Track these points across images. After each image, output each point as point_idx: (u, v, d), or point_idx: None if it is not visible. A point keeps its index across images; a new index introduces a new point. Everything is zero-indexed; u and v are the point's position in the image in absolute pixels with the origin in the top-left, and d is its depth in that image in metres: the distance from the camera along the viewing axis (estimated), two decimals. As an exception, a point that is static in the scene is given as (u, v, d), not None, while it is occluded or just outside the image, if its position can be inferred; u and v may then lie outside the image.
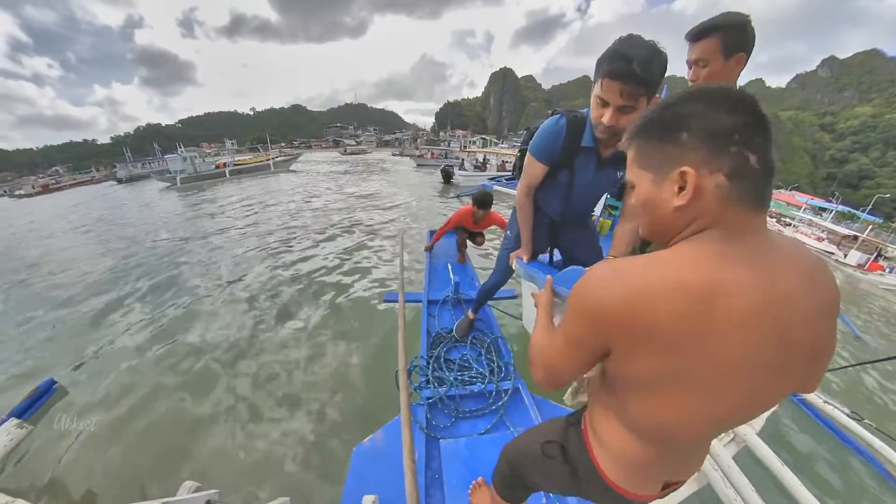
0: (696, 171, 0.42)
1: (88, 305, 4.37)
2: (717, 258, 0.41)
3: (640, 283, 0.41)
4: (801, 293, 0.41)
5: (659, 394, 0.46)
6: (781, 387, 0.45)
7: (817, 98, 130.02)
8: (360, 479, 1.24)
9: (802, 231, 15.90)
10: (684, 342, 0.40)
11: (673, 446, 0.54)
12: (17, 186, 40.73)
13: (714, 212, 0.42)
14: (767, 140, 0.41)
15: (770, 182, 0.42)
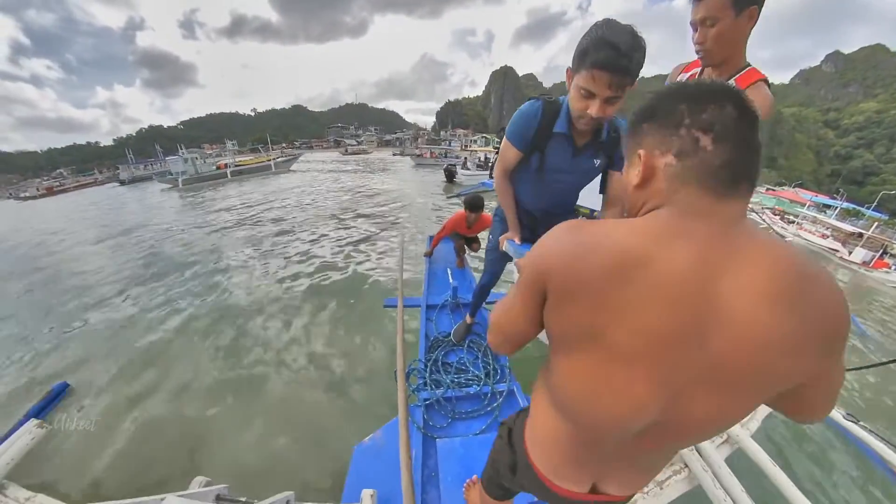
0: (647, 152, 0.45)
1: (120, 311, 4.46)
2: (659, 231, 0.41)
3: (584, 240, 0.43)
4: (762, 301, 0.37)
5: (576, 355, 0.46)
6: (715, 392, 0.41)
7: (821, 94, 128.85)
8: (360, 475, 1.31)
9: (806, 228, 15.81)
10: (605, 301, 0.41)
11: (590, 431, 0.53)
12: (22, 189, 41.18)
13: (665, 191, 0.44)
14: (730, 123, 0.40)
15: (737, 167, 0.40)
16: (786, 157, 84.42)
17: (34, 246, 8.87)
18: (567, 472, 0.61)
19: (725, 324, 0.38)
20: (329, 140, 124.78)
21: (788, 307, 0.37)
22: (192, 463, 2.09)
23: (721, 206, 0.41)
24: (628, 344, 0.41)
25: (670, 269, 0.39)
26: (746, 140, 0.40)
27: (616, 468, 0.58)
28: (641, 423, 0.47)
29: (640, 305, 0.39)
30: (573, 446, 0.57)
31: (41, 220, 13.73)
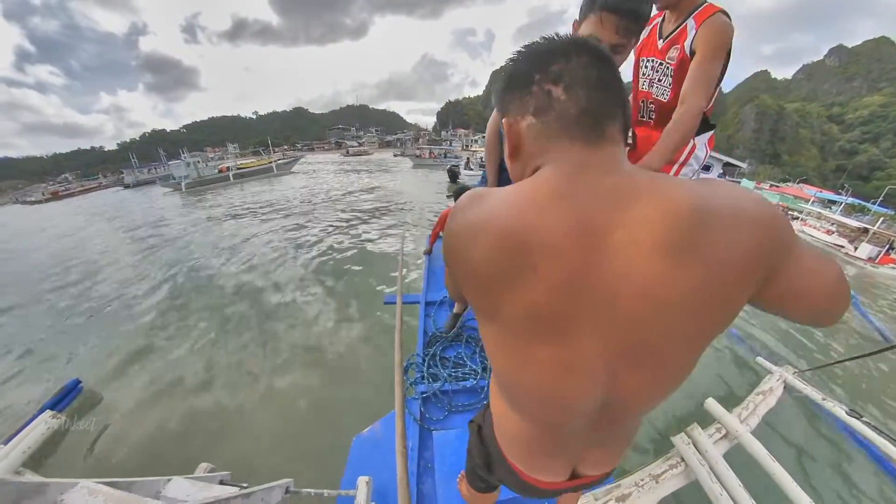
0: (508, 120, 0.44)
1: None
2: (542, 196, 0.37)
3: (470, 218, 0.40)
4: (658, 253, 0.34)
5: (498, 338, 0.44)
6: (648, 356, 0.39)
7: (825, 88, 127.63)
8: (358, 464, 1.34)
9: (811, 224, 15.66)
10: (499, 285, 0.38)
11: (545, 425, 0.51)
12: (27, 194, 41.72)
13: (537, 152, 0.42)
14: (581, 70, 0.38)
15: (596, 109, 0.39)
16: (789, 153, 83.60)
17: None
18: (543, 464, 0.58)
19: (628, 284, 0.35)
20: (330, 142, 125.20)
21: (689, 254, 0.33)
22: (197, 451, 2.17)
23: (593, 154, 0.39)
24: (544, 328, 0.39)
25: (555, 240, 0.35)
26: (603, 81, 0.39)
27: (588, 452, 0.57)
28: (590, 407, 0.44)
29: (535, 285, 0.36)
30: (539, 441, 0.55)
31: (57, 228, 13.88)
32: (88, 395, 2.72)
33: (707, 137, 1.25)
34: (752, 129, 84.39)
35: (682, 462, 1.49)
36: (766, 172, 70.66)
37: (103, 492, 0.84)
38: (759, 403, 1.88)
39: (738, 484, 1.38)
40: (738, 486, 1.38)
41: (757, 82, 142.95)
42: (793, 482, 1.42)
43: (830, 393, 2.26)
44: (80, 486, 0.85)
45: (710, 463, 1.46)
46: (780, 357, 3.36)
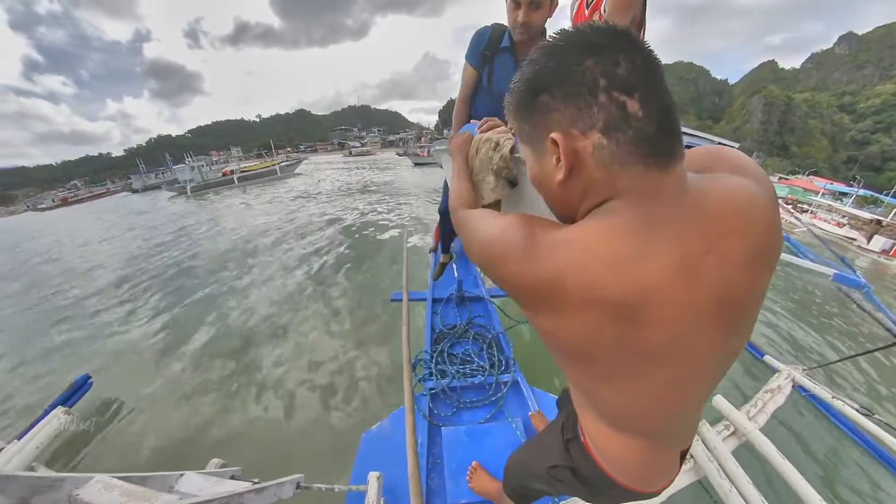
0: (564, 136, 0.35)
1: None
2: (632, 232, 0.34)
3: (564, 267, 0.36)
4: (737, 257, 0.36)
5: (608, 374, 0.42)
6: (728, 346, 0.41)
7: (835, 77, 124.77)
8: (367, 460, 1.34)
9: (821, 217, 15.36)
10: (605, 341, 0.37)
11: (656, 432, 0.49)
12: (39, 201, 42.62)
13: (605, 179, 0.35)
14: (649, 75, 0.33)
15: (669, 126, 0.34)
16: (798, 144, 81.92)
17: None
18: (664, 472, 0.56)
19: (730, 296, 0.37)
20: (333, 143, 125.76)
21: (765, 260, 0.39)
22: (208, 447, 2.20)
23: (667, 179, 0.34)
24: (660, 357, 0.38)
25: (664, 294, 0.34)
26: (666, 89, 0.34)
27: (693, 425, 0.54)
28: (697, 402, 0.47)
29: (650, 333, 0.35)
30: (651, 452, 0.51)
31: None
32: (98, 392, 2.76)
33: None
34: (760, 121, 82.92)
35: (691, 458, 1.47)
36: (775, 165, 69.35)
37: (118, 486, 0.85)
38: (767, 401, 1.86)
39: (747, 481, 1.37)
40: (748, 483, 1.36)
41: (764, 73, 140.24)
42: (802, 479, 1.40)
43: (840, 391, 2.21)
44: (96, 481, 0.86)
45: (720, 460, 1.45)
46: (788, 356, 3.31)
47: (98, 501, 0.79)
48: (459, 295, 2.42)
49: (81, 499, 0.79)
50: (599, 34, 0.34)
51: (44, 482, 0.80)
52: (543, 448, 0.72)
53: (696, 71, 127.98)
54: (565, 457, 0.62)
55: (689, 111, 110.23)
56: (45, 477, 0.80)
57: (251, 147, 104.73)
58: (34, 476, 0.79)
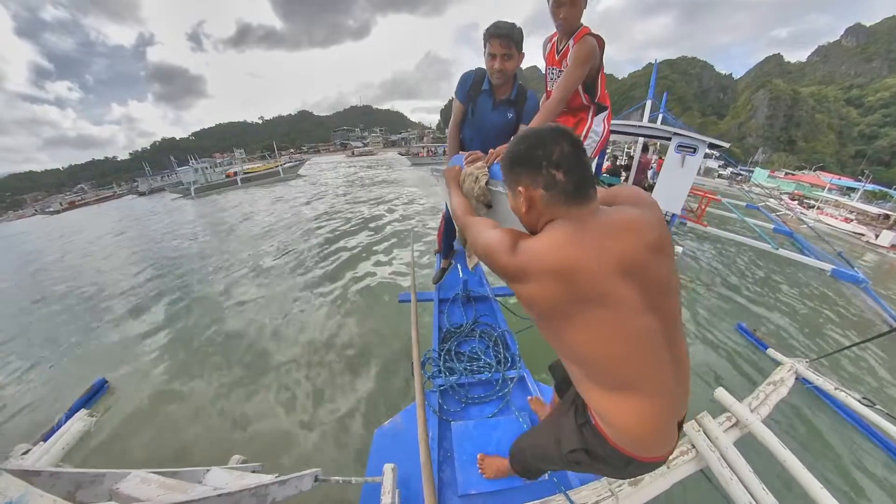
0: (524, 189, 0.67)
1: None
2: (566, 236, 0.63)
3: (533, 258, 0.65)
4: (637, 243, 0.63)
5: (580, 344, 0.64)
6: (650, 299, 0.63)
7: (842, 70, 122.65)
8: (381, 455, 1.40)
9: (828, 213, 15.12)
10: (579, 294, 0.61)
11: (638, 382, 0.63)
12: (47, 205, 43.26)
13: (548, 211, 0.67)
14: (572, 157, 0.63)
15: (582, 184, 0.64)
16: (805, 139, 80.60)
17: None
18: (667, 436, 0.68)
19: (632, 261, 0.62)
20: (335, 143, 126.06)
21: (654, 242, 0.65)
22: (226, 443, 2.28)
23: (584, 209, 0.65)
24: (601, 306, 0.61)
25: (583, 260, 0.61)
26: (582, 162, 0.64)
27: (681, 389, 0.69)
28: (654, 329, 0.63)
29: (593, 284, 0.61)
30: (659, 409, 0.65)
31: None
32: (115, 394, 2.85)
33: (603, 116, 1.70)
34: (766, 116, 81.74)
35: (692, 449, 1.51)
36: (782, 160, 68.44)
37: (154, 480, 0.91)
38: (770, 393, 1.88)
39: (748, 470, 1.40)
40: (749, 472, 1.39)
41: (769, 67, 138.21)
42: (804, 469, 1.43)
43: (844, 382, 2.23)
44: (133, 475, 0.92)
45: (721, 450, 1.48)
46: (791, 348, 3.32)
47: (137, 494, 0.85)
48: (465, 294, 2.47)
49: (122, 492, 0.85)
50: (547, 133, 0.65)
51: (87, 477, 0.86)
52: (559, 433, 0.82)
53: (699, 66, 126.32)
54: (580, 440, 0.75)
55: (692, 107, 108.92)
56: (87, 472, 0.87)
57: (254, 149, 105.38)
58: (78, 472, 0.85)
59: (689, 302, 4.25)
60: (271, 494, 0.99)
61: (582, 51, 1.44)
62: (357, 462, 2.06)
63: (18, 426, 2.69)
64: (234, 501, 0.86)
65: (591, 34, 1.45)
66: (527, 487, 1.29)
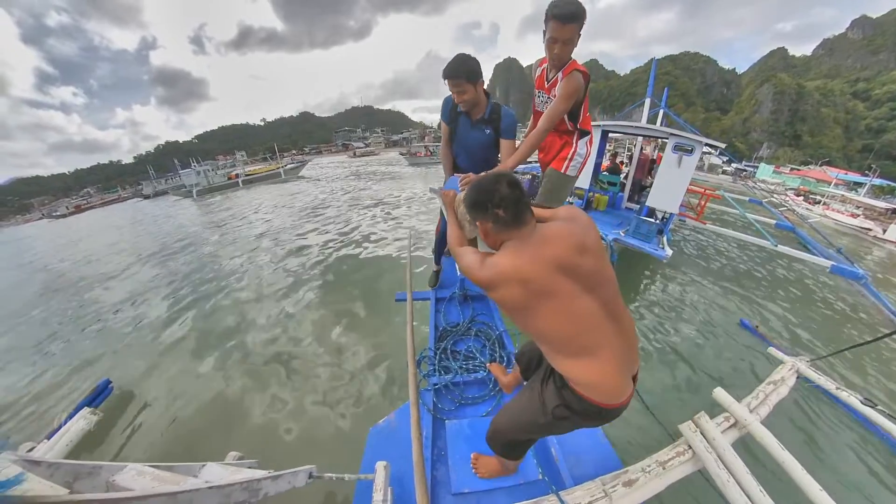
0: (480, 223, 0.93)
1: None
2: (519, 257, 0.84)
3: (499, 273, 0.86)
4: (565, 248, 0.84)
5: (543, 326, 0.85)
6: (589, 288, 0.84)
7: (848, 64, 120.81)
8: (374, 453, 1.41)
9: (834, 208, 14.92)
10: (535, 293, 0.82)
11: (594, 346, 0.84)
12: (54, 209, 43.77)
13: (499, 236, 0.91)
14: (511, 197, 0.86)
15: (519, 215, 0.87)
16: (811, 133, 79.47)
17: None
18: (624, 382, 0.87)
19: (564, 259, 0.84)
20: (337, 144, 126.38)
21: (574, 233, 0.88)
22: (226, 441, 2.30)
23: (524, 229, 0.88)
24: (553, 296, 0.83)
25: (531, 268, 0.82)
26: (519, 197, 0.86)
27: (628, 346, 0.89)
28: (597, 304, 0.85)
29: (538, 285, 0.83)
30: (613, 360, 0.85)
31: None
32: (118, 394, 2.89)
33: (586, 139, 1.90)
34: (770, 111, 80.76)
35: (689, 450, 1.49)
36: (787, 156, 67.57)
37: (150, 472, 0.94)
38: (769, 393, 1.86)
39: (746, 472, 1.38)
40: (746, 474, 1.37)
41: (774, 61, 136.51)
42: (803, 471, 1.41)
43: (845, 382, 2.20)
44: (129, 468, 0.94)
45: (718, 451, 1.46)
46: (793, 347, 3.29)
47: (132, 486, 0.87)
48: (462, 293, 2.47)
49: (118, 484, 0.87)
50: (489, 183, 0.89)
51: (84, 469, 0.88)
52: (543, 398, 1.00)
53: (702, 61, 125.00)
54: (561, 398, 0.94)
55: (695, 102, 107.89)
56: (84, 464, 0.89)
57: (256, 151, 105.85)
58: (76, 463, 0.88)
59: (692, 301, 4.23)
60: (263, 489, 1.01)
61: (569, 87, 1.58)
62: (352, 461, 2.07)
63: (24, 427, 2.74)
64: (226, 495, 0.88)
65: (578, 69, 1.59)
66: (519, 487, 1.29)
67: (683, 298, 4.29)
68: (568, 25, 1.50)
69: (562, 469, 1.34)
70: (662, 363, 2.99)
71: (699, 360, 3.02)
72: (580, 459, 1.41)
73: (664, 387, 2.69)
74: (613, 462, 1.40)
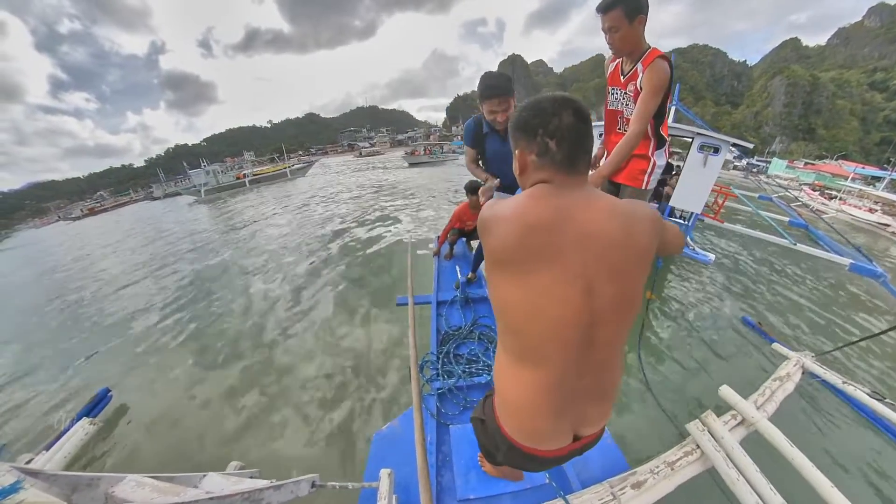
0: (520, 152, 0.69)
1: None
2: (537, 198, 0.64)
3: (499, 212, 0.65)
4: (599, 228, 0.61)
5: (507, 297, 0.64)
6: (609, 281, 0.60)
7: (864, 53, 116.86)
8: (379, 460, 1.40)
9: (851, 203, 14.40)
10: (517, 251, 0.61)
11: (544, 362, 0.64)
12: (69, 212, 45.05)
13: (537, 174, 0.67)
14: (568, 129, 0.62)
15: (574, 157, 0.64)
16: (826, 126, 77.05)
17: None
18: (548, 432, 0.69)
19: (590, 237, 0.60)
20: (342, 144, 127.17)
21: (621, 223, 0.62)
22: (227, 451, 2.29)
23: (568, 178, 0.65)
24: (530, 271, 0.61)
25: (541, 215, 0.61)
26: (580, 135, 0.63)
27: (588, 403, 0.69)
28: (581, 322, 0.61)
29: (531, 244, 0.60)
30: (544, 395, 0.66)
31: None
32: (117, 404, 2.85)
33: (664, 149, 1.75)
34: (783, 104, 78.68)
35: (697, 449, 1.47)
36: (801, 150, 65.86)
37: (149, 483, 0.93)
38: (776, 389, 1.82)
39: (755, 469, 1.36)
40: (756, 472, 1.35)
41: (786, 52, 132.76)
42: (813, 467, 1.38)
43: (852, 376, 2.14)
44: (129, 479, 0.93)
45: (727, 449, 1.44)
46: (797, 343, 3.20)
47: (132, 498, 0.86)
48: (464, 297, 2.45)
49: (117, 496, 0.86)
50: (548, 103, 0.64)
51: (83, 480, 0.88)
52: (479, 407, 0.91)
53: (711, 53, 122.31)
54: (481, 409, 0.85)
55: (705, 96, 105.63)
56: (83, 476, 0.88)
57: (263, 152, 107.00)
58: (74, 475, 0.87)
59: (695, 300, 4.14)
60: (266, 499, 0.99)
61: (655, 77, 1.39)
62: (356, 469, 2.06)
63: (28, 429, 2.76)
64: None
65: (662, 56, 1.41)
66: (526, 492, 1.27)
67: (686, 297, 4.22)
68: (609, 13, 1.40)
69: (569, 472, 1.32)
70: (666, 362, 2.93)
71: (703, 359, 2.97)
72: (587, 462, 1.39)
73: (668, 386, 2.64)
74: (621, 464, 1.38)
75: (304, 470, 1.22)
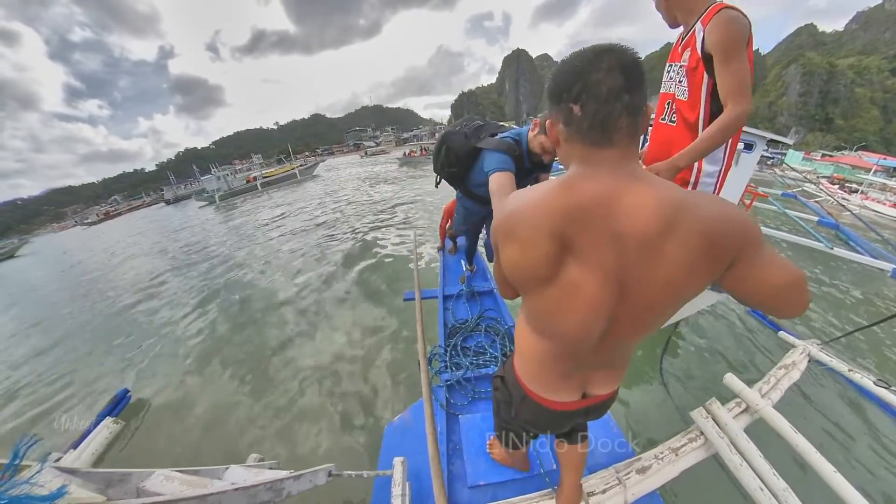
0: (551, 122, 0.57)
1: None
2: (565, 187, 0.53)
3: (519, 204, 0.57)
4: (633, 224, 0.49)
5: (524, 289, 0.61)
6: (645, 284, 0.52)
7: (885, 38, 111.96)
8: (391, 449, 1.44)
9: (873, 198, 13.74)
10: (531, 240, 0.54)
11: (565, 343, 0.64)
12: (85, 217, 46.50)
13: (571, 148, 0.55)
14: (599, 89, 0.48)
15: (605, 123, 0.49)
16: (844, 116, 74.22)
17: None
18: (558, 386, 0.73)
19: (623, 234, 0.50)
20: (348, 144, 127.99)
21: (668, 220, 0.48)
22: (244, 443, 2.37)
23: (603, 153, 0.52)
24: (573, 257, 0.53)
25: (580, 203, 0.51)
26: (616, 91, 0.47)
27: (597, 371, 0.72)
28: (601, 323, 0.57)
29: (573, 234, 0.52)
30: (557, 361, 0.69)
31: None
32: (136, 402, 2.97)
33: (721, 148, 1.29)
34: (799, 93, 76.18)
35: (701, 436, 1.48)
36: (818, 141, 63.78)
37: (177, 477, 0.99)
38: (781, 377, 1.81)
39: (759, 455, 1.37)
40: (759, 457, 1.36)
41: (801, 39, 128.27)
42: (817, 453, 1.38)
43: (859, 364, 2.11)
44: (158, 474, 1.00)
45: (731, 436, 1.44)
46: (804, 331, 3.14)
47: (162, 490, 0.92)
48: (469, 290, 2.47)
49: (147, 489, 0.93)
50: (578, 58, 0.50)
51: (115, 476, 0.94)
52: (500, 367, 0.95)
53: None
54: (502, 369, 0.87)
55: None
56: (115, 471, 0.95)
57: (271, 154, 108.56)
58: (107, 471, 0.94)
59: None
60: (286, 488, 1.04)
61: (727, 32, 1.02)
62: (370, 461, 2.11)
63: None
64: (251, 495, 0.92)
65: (729, 6, 1.05)
66: (534, 478, 1.30)
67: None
68: None
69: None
70: (670, 349, 2.91)
71: (709, 348, 2.95)
72: (594, 448, 1.41)
73: (674, 374, 2.64)
74: (626, 450, 1.40)
75: (319, 460, 1.26)
